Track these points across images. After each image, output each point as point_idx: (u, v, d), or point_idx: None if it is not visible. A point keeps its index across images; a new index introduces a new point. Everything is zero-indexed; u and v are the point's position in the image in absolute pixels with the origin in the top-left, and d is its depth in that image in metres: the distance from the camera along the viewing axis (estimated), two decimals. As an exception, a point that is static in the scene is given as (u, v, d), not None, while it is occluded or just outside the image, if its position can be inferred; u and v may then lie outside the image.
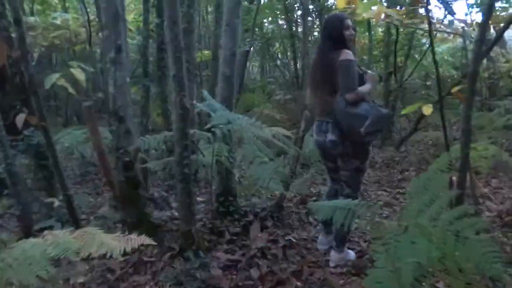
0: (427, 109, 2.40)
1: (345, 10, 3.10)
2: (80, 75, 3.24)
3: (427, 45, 9.25)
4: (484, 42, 2.22)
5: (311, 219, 3.43)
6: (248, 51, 7.45)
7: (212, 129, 2.72)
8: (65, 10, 7.29)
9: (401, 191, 4.38)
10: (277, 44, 10.63)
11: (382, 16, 3.16)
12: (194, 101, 2.73)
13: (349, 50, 2.50)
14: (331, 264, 2.70)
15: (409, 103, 8.18)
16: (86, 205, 3.54)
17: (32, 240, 1.94)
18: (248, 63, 8.48)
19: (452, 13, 4.23)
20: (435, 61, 2.00)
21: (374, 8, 2.91)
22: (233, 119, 2.42)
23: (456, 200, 2.28)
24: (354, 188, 2.66)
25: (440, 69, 9.69)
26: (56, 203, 2.80)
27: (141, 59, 3.84)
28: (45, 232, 1.96)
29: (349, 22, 2.57)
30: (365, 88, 2.52)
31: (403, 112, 3.09)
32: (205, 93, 2.67)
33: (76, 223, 2.97)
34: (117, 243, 2.00)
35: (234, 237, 2.93)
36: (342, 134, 2.50)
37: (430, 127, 7.31)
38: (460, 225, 1.44)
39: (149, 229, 2.81)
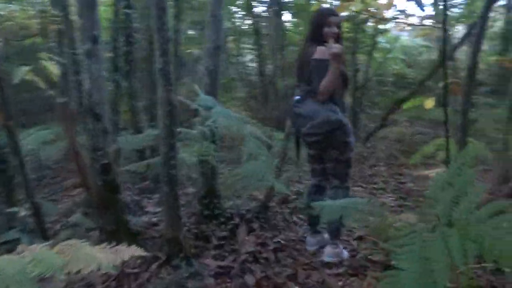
0: (429, 103, 2.39)
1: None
2: (53, 68, 2.91)
3: (382, 42, 9.51)
4: (483, 36, 2.20)
5: (295, 218, 3.33)
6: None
7: (199, 127, 2.54)
8: (10, 1, 6.70)
9: (375, 186, 4.39)
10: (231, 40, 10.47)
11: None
12: (180, 97, 2.53)
13: (324, 47, 2.41)
14: (326, 259, 2.63)
15: (371, 100, 8.38)
16: (53, 213, 3.22)
17: (5, 257, 1.68)
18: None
19: (422, 8, 4.31)
20: (443, 58, 1.94)
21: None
22: (232, 117, 2.26)
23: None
24: (341, 179, 2.60)
25: (396, 67, 10.02)
26: (23, 212, 2.49)
27: (111, 53, 3.55)
28: (19, 247, 1.70)
29: (333, 19, 2.50)
30: (325, 81, 2.39)
31: (404, 107, 3.08)
32: (197, 88, 2.48)
33: (44, 234, 2.67)
34: (105, 255, 1.78)
35: (222, 242, 2.76)
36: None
37: (392, 123, 7.49)
38: (497, 221, 1.38)
39: (128, 237, 2.58)
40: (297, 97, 2.56)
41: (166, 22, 2.18)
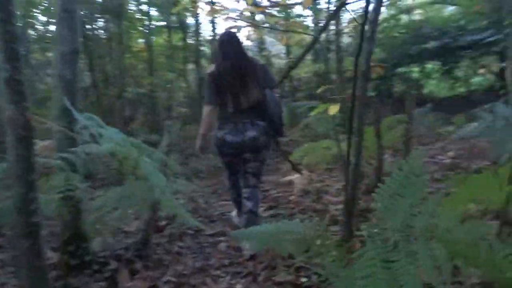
0: (333, 109, 2.33)
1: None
2: None
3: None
4: (375, 39, 2.25)
5: (176, 248, 2.90)
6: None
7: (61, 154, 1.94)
8: None
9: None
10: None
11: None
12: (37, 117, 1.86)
13: None
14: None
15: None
16: None
17: None
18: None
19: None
20: (357, 59, 1.87)
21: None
22: (123, 140, 1.73)
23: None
24: (260, 177, 2.93)
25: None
26: None
27: None
28: None
29: None
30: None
31: (313, 112, 3.09)
32: (67, 102, 1.83)
33: None
34: None
35: (102, 296, 2.18)
36: (266, 127, 2.73)
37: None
38: (466, 227, 1.31)
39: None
40: (277, 95, 2.79)
41: (13, 12, 1.56)
